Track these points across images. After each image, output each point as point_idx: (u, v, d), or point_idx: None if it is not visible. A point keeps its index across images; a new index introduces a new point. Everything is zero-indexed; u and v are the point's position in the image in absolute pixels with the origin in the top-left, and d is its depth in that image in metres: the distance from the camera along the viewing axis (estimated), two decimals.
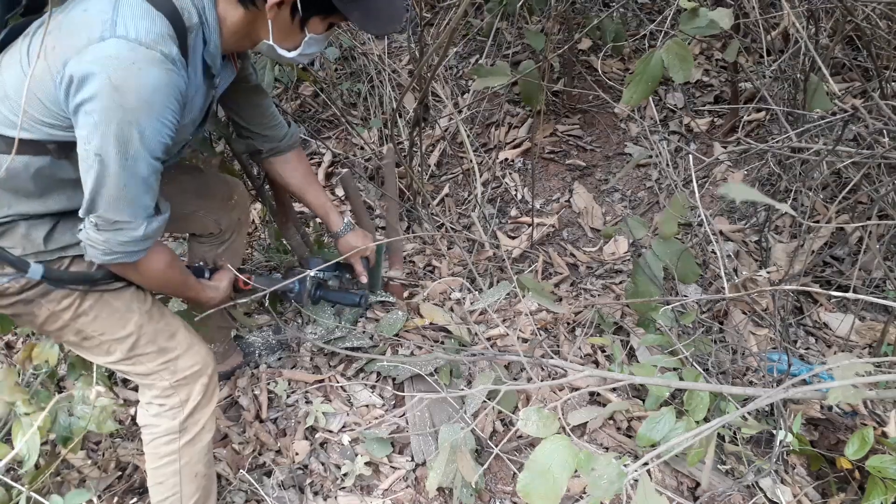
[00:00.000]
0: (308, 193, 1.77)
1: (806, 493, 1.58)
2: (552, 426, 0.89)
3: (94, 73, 1.02)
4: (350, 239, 1.80)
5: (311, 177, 1.78)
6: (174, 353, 1.40)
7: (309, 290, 1.79)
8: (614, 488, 0.79)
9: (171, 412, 1.41)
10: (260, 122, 1.65)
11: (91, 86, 1.03)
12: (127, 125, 1.05)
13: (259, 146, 1.69)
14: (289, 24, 1.23)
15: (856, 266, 1.91)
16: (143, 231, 1.17)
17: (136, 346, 1.35)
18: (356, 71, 3.08)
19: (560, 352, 2.05)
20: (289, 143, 1.71)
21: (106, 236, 1.16)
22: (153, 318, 1.38)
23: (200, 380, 1.43)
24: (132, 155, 1.08)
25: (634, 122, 2.84)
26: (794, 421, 1.54)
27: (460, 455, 1.55)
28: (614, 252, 2.47)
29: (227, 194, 1.77)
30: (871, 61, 1.86)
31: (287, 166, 1.73)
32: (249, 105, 1.62)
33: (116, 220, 1.14)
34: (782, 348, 1.67)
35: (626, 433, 1.82)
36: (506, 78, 1.89)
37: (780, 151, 1.76)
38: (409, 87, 2.27)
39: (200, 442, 1.45)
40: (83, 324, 1.30)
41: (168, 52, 1.07)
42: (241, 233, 1.85)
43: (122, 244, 1.17)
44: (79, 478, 1.73)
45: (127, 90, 1.03)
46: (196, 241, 1.79)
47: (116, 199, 1.12)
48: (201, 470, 1.47)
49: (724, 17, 1.43)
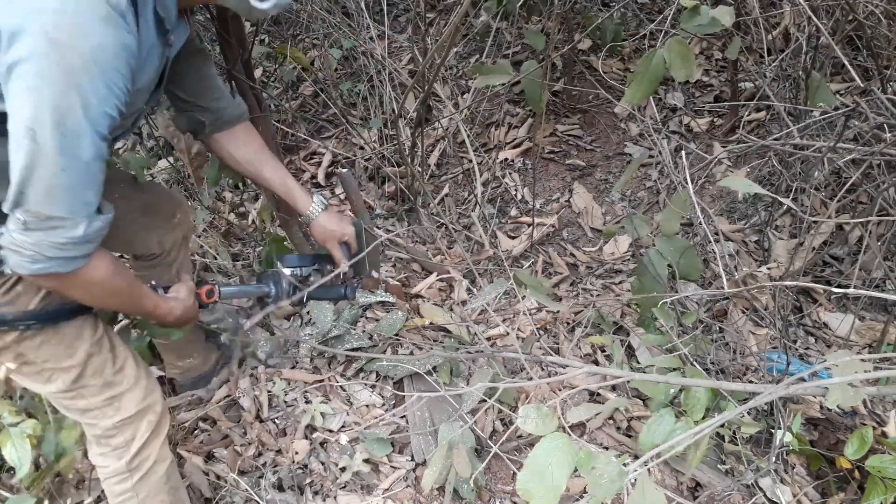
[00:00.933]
0: (264, 169, 1.51)
1: (805, 492, 1.58)
2: (551, 424, 0.88)
3: (28, 27, 0.84)
4: (323, 221, 1.55)
5: (264, 152, 1.53)
6: (120, 388, 1.28)
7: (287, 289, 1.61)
8: (615, 487, 0.79)
9: (117, 452, 1.32)
10: (203, 93, 1.43)
11: (24, 43, 0.85)
12: (67, 90, 0.87)
13: (202, 118, 1.45)
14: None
15: (856, 265, 1.90)
16: (84, 230, 0.97)
17: (80, 377, 1.22)
18: (356, 71, 3.08)
19: (560, 351, 2.05)
20: (235, 114, 1.49)
21: (36, 237, 0.95)
22: (103, 347, 1.25)
23: (146, 417, 1.33)
24: (72, 129, 0.90)
25: (634, 121, 2.84)
26: (794, 420, 1.54)
27: (457, 452, 1.55)
28: (614, 252, 2.46)
29: (171, 211, 1.65)
30: (871, 60, 1.85)
31: (235, 142, 1.50)
32: (192, 71, 1.40)
33: (51, 215, 0.94)
34: (782, 347, 1.67)
35: (626, 433, 1.82)
36: (507, 76, 1.89)
37: (780, 149, 1.76)
38: (410, 87, 2.27)
39: (155, 475, 1.37)
40: (26, 348, 1.16)
41: (115, 3, 0.90)
42: (184, 249, 1.73)
43: (55, 247, 0.96)
44: (77, 477, 1.73)
45: (68, 48, 0.86)
46: (141, 265, 1.67)
47: (51, 188, 0.92)
48: (165, 498, 1.40)
49: (726, 15, 1.43)
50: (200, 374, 1.98)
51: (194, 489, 1.72)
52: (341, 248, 1.59)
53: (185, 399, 1.98)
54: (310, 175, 2.99)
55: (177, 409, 1.95)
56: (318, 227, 1.56)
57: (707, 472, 1.67)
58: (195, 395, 1.98)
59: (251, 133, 1.53)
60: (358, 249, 1.64)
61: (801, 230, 2.23)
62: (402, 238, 2.54)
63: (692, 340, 1.71)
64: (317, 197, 1.56)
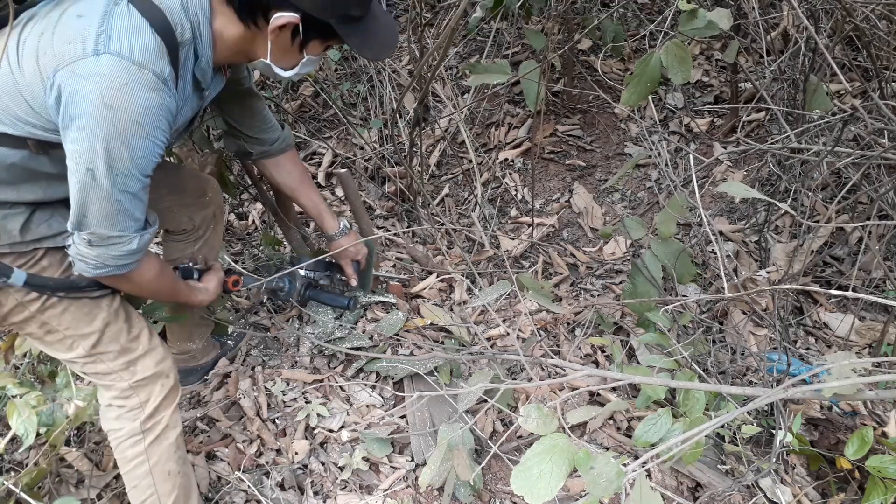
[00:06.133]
0: (301, 196, 1.77)
1: (806, 493, 1.58)
2: (551, 424, 0.89)
3: (88, 89, 1.02)
4: (343, 242, 1.82)
5: (304, 180, 1.78)
6: (135, 354, 1.38)
7: (299, 289, 1.76)
8: (613, 487, 0.79)
9: (132, 413, 1.40)
10: (252, 124, 1.63)
11: (84, 102, 1.03)
12: (118, 144, 1.06)
13: (249, 149, 1.68)
14: (289, 45, 1.23)
15: (855, 266, 1.91)
16: (137, 244, 1.18)
17: (99, 343, 1.34)
18: (356, 71, 3.09)
19: (560, 352, 2.05)
20: (280, 147, 1.70)
21: (98, 251, 1.16)
22: (119, 317, 1.37)
23: (160, 381, 1.42)
24: (122, 172, 1.08)
25: (634, 122, 2.84)
26: (794, 421, 1.54)
27: (457, 453, 1.55)
28: (614, 252, 2.47)
29: (201, 190, 1.75)
30: (870, 62, 1.86)
31: (279, 169, 1.73)
32: (242, 107, 1.61)
33: (110, 235, 1.14)
34: (782, 348, 1.67)
35: (626, 433, 1.82)
36: (504, 76, 1.89)
37: (779, 152, 1.76)
38: (408, 86, 2.27)
39: (167, 440, 1.44)
40: (49, 317, 1.28)
41: (160, 72, 1.07)
42: (216, 229, 1.83)
43: (114, 258, 1.17)
44: (77, 477, 1.73)
45: (119, 109, 1.03)
46: (170, 238, 1.77)
47: (108, 213, 1.12)
48: (174, 468, 1.45)
49: (723, 18, 1.43)
50: (196, 366, 2.01)
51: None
52: (353, 265, 1.88)
53: (185, 398, 1.98)
54: (310, 175, 2.99)
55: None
56: (337, 246, 1.85)
57: (707, 473, 1.67)
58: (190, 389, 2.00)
59: (294, 161, 1.77)
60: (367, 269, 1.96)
61: (800, 231, 2.23)
62: (401, 238, 2.55)
63: (692, 342, 1.72)
64: (342, 222, 1.84)
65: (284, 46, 1.23)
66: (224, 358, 2.07)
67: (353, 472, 1.74)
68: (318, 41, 1.25)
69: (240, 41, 1.22)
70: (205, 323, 2.00)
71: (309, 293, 1.82)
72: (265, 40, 1.21)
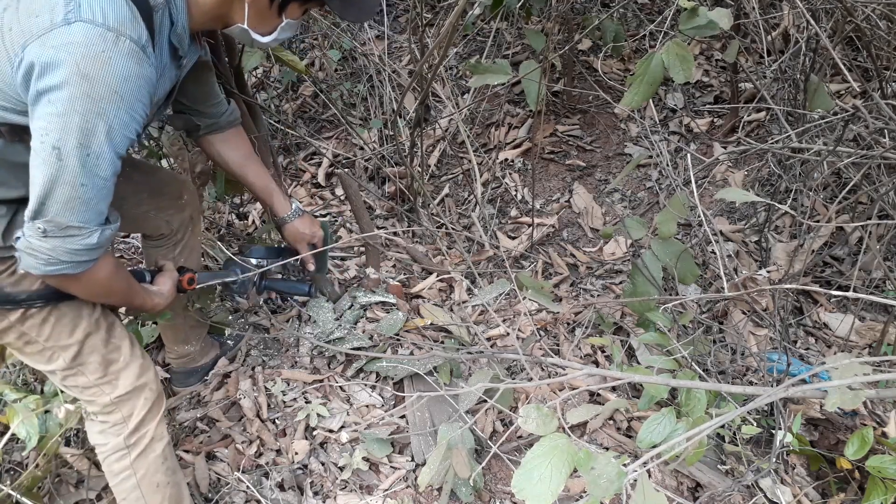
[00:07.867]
0: (249, 173, 1.67)
1: (806, 493, 1.58)
2: (551, 424, 0.88)
3: (61, 60, 0.95)
4: (297, 225, 1.72)
5: (252, 156, 1.68)
6: (116, 366, 1.34)
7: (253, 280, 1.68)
8: (613, 487, 0.79)
9: (115, 429, 1.36)
10: (203, 98, 1.55)
11: (57, 73, 0.95)
12: (94, 116, 0.98)
13: (197, 121, 1.58)
14: (266, 8, 1.19)
15: (856, 266, 1.90)
16: (97, 239, 1.08)
17: (80, 354, 1.29)
18: (356, 71, 3.08)
19: (560, 352, 2.05)
20: (228, 120, 1.61)
21: (53, 244, 1.05)
22: (100, 327, 1.31)
23: (143, 394, 1.38)
24: (95, 150, 1.00)
25: (634, 122, 2.84)
26: (794, 421, 1.54)
27: (456, 452, 1.55)
28: (614, 252, 2.47)
29: (178, 193, 1.71)
30: (871, 62, 1.86)
31: (226, 145, 1.63)
32: (195, 81, 1.50)
33: (69, 225, 1.04)
34: (782, 348, 1.67)
35: (626, 433, 1.82)
36: (504, 76, 1.89)
37: (780, 152, 1.76)
38: (409, 86, 2.27)
39: (153, 452, 1.41)
40: (29, 327, 1.23)
41: (137, 38, 1.01)
42: (194, 231, 1.78)
43: (70, 253, 1.06)
44: (77, 477, 1.73)
45: (96, 79, 0.96)
46: (149, 244, 1.73)
47: (71, 200, 1.02)
48: (162, 479, 1.43)
49: (724, 18, 1.43)
50: (195, 367, 2.00)
51: (194, 489, 1.73)
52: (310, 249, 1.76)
53: (185, 398, 1.98)
54: (310, 175, 2.99)
55: (176, 410, 1.95)
56: (290, 230, 1.74)
57: (707, 473, 1.67)
58: (191, 390, 1.99)
59: (241, 138, 1.67)
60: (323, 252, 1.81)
61: (800, 231, 2.23)
62: (402, 238, 2.54)
63: (692, 342, 1.72)
64: (294, 203, 1.73)
65: (262, 9, 1.19)
66: (224, 358, 2.07)
67: (353, 473, 1.74)
68: (297, 3, 1.21)
69: (215, 5, 1.17)
70: (200, 324, 1.98)
71: (265, 283, 1.74)
72: (242, 3, 1.17)
